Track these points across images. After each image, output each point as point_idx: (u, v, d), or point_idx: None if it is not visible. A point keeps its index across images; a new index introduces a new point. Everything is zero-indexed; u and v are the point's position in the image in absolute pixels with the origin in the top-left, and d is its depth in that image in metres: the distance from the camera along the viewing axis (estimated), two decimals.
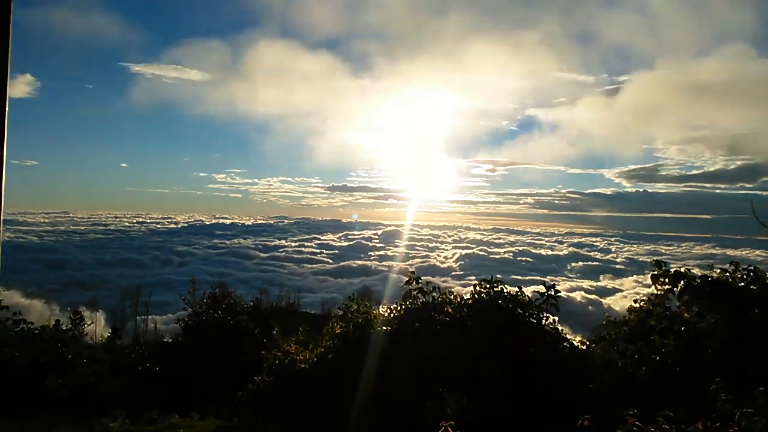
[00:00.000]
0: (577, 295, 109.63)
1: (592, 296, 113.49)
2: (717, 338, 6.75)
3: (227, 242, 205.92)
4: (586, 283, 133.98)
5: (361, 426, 6.90)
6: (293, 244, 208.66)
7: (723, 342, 6.66)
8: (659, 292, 7.98)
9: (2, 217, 2.10)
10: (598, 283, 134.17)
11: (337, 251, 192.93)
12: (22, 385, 11.72)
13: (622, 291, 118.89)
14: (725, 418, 3.22)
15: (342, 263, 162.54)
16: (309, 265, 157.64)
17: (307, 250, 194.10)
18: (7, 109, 2.00)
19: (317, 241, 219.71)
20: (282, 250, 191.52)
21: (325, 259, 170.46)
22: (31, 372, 12.09)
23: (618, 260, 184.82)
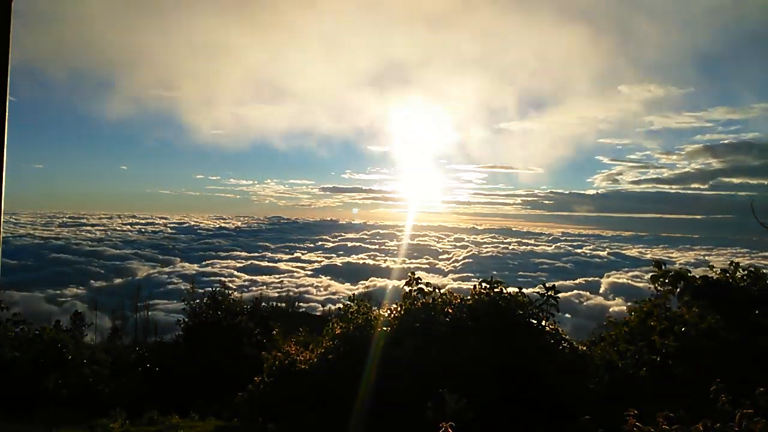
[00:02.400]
0: (574, 293, 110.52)
1: (583, 293, 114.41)
2: (717, 338, 6.75)
3: (225, 242, 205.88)
4: (579, 281, 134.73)
5: (361, 426, 6.90)
6: (291, 244, 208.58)
7: (723, 342, 6.66)
8: (658, 292, 7.98)
9: (2, 218, 2.10)
10: (590, 281, 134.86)
11: (335, 251, 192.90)
12: (22, 385, 11.71)
13: (614, 289, 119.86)
14: (726, 419, 3.21)
15: (341, 263, 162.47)
16: (307, 265, 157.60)
17: (305, 250, 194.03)
18: (7, 109, 1.99)
19: (315, 242, 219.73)
20: (281, 250, 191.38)
21: (324, 259, 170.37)
22: (31, 372, 12.07)
23: (613, 260, 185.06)
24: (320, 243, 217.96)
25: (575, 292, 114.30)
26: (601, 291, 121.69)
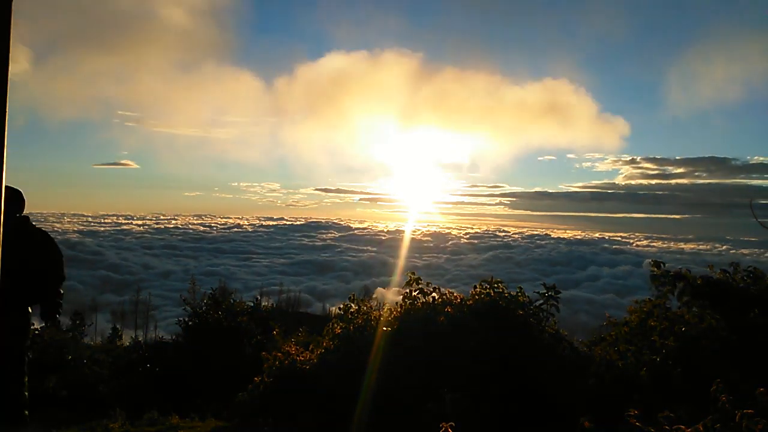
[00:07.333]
0: (573, 292, 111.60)
1: (581, 292, 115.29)
2: (717, 339, 6.75)
3: (224, 242, 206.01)
4: (574, 277, 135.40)
5: (361, 426, 6.90)
6: (289, 244, 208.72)
7: (723, 343, 6.66)
8: (658, 291, 7.99)
9: (2, 217, 2.09)
10: (588, 279, 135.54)
11: (334, 251, 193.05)
12: None
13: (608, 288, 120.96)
14: (726, 419, 3.21)
15: (339, 263, 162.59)
16: (305, 264, 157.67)
17: (303, 249, 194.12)
18: (7, 109, 1.99)
19: (313, 241, 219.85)
20: (278, 249, 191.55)
21: (323, 259, 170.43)
22: (31, 373, 12.04)
23: (609, 259, 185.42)
24: (318, 242, 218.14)
25: (574, 290, 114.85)
26: (600, 288, 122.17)
